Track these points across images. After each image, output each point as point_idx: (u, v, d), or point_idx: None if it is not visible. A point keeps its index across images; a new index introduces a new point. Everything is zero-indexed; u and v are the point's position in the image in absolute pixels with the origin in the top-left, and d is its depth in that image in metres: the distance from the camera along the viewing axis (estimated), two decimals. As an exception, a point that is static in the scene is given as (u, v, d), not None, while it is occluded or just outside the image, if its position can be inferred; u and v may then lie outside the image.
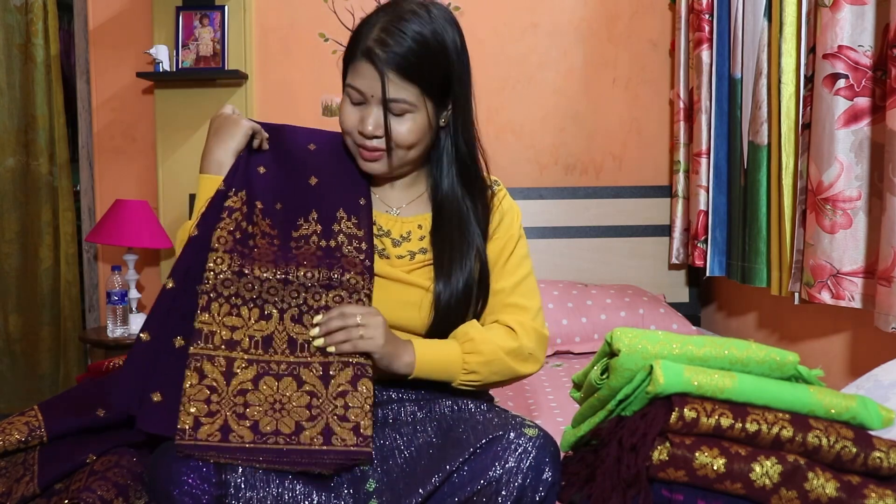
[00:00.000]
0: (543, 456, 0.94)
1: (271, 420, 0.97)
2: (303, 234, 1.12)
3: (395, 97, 1.07)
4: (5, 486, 1.08)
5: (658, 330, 0.98)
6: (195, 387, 0.97)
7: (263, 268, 1.06)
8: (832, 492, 0.81)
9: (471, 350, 1.11)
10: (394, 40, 1.05)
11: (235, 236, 1.07)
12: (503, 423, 0.98)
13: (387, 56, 1.05)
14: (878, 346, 1.63)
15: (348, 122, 1.12)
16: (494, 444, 0.95)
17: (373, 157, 1.13)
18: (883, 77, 1.52)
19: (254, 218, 1.11)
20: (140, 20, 2.67)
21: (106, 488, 1.04)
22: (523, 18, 2.68)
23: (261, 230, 1.10)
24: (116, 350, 2.42)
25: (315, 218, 1.14)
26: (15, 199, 3.20)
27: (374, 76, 1.06)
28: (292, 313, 1.05)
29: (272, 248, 1.08)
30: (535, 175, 2.71)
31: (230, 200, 1.09)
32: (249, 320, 1.04)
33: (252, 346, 1.02)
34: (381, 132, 1.09)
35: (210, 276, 1.03)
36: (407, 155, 1.14)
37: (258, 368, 1.01)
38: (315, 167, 1.18)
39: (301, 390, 1.01)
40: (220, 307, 1.02)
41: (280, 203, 1.14)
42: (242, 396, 0.98)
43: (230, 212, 1.08)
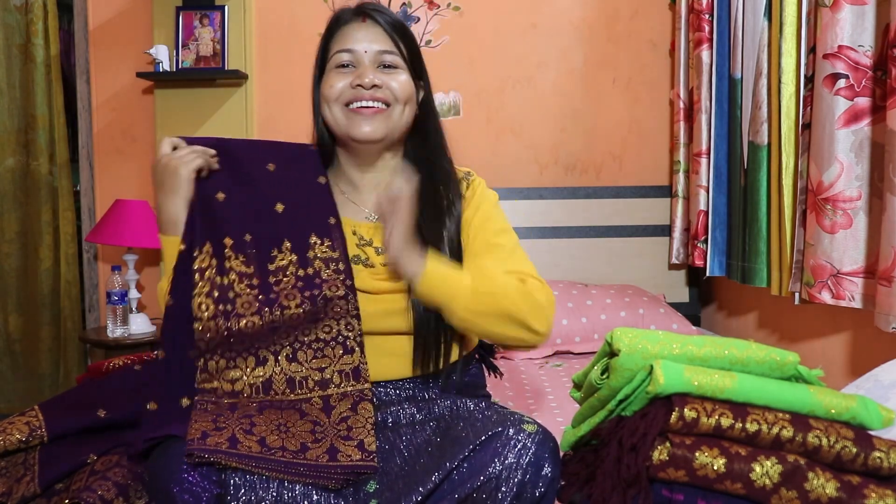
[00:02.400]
0: (543, 451, 0.95)
1: (277, 438, 0.98)
2: (279, 265, 1.12)
3: (393, 48, 1.16)
4: (6, 486, 1.08)
5: (658, 330, 0.98)
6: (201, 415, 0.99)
7: (249, 322, 1.07)
8: (832, 492, 0.81)
9: (480, 277, 1.09)
10: (385, 9, 1.19)
11: (214, 296, 1.07)
12: (502, 419, 0.98)
13: (382, 16, 1.17)
14: (878, 346, 1.63)
15: (339, 85, 1.16)
16: (494, 440, 0.95)
17: (370, 113, 1.15)
18: (883, 77, 1.52)
19: (226, 264, 1.10)
20: (140, 20, 2.67)
21: (106, 488, 1.03)
22: (523, 18, 2.68)
23: (237, 273, 1.10)
24: (116, 350, 2.42)
25: (289, 248, 1.13)
26: (15, 199, 3.20)
27: (373, 31, 1.16)
28: (286, 353, 1.08)
29: (253, 293, 1.08)
30: (535, 175, 2.71)
31: (198, 261, 1.09)
32: (247, 369, 1.06)
33: (253, 392, 1.05)
34: (379, 81, 1.14)
35: (200, 344, 1.05)
36: (402, 115, 1.17)
37: (259, 406, 1.04)
38: (279, 192, 1.17)
39: (304, 420, 1.03)
40: (216, 364, 1.05)
41: (249, 234, 1.13)
42: (248, 420, 1.00)
43: (201, 273, 1.08)
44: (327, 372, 1.08)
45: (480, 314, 1.07)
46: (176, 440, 0.95)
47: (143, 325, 2.47)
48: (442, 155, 1.24)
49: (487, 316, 1.08)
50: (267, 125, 2.67)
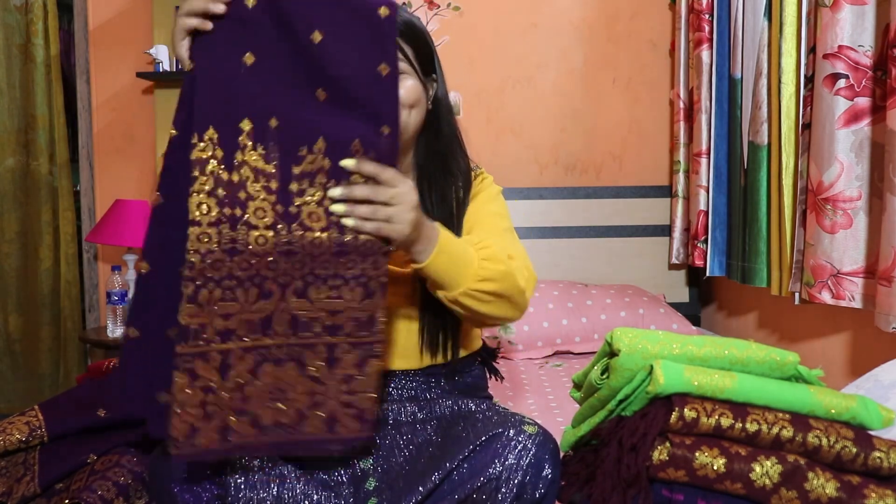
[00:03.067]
0: (543, 453, 0.95)
1: (272, 411, 0.89)
2: (306, 170, 0.88)
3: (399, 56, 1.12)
4: (6, 486, 1.08)
5: (658, 330, 0.98)
6: (187, 390, 0.85)
7: (261, 237, 0.87)
8: (832, 492, 0.81)
9: (487, 257, 1.02)
10: None
11: (218, 195, 0.86)
12: (503, 420, 0.99)
13: None
14: (878, 346, 1.63)
15: None
16: (494, 441, 0.95)
17: None
18: (883, 77, 1.52)
19: (237, 157, 0.87)
20: (140, 20, 2.67)
21: (106, 488, 1.04)
22: (523, 18, 2.68)
23: (252, 169, 0.87)
24: (116, 350, 2.42)
25: (322, 149, 0.88)
26: (15, 199, 3.20)
27: None
28: (296, 287, 0.89)
29: (270, 199, 0.87)
30: (535, 175, 2.71)
31: (197, 150, 0.86)
32: (246, 303, 0.88)
33: (249, 330, 0.88)
34: None
35: (195, 260, 0.85)
36: (409, 118, 1.14)
37: (256, 356, 0.89)
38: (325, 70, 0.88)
39: (303, 375, 0.90)
40: (209, 294, 0.86)
41: (277, 118, 0.88)
42: (240, 392, 0.88)
43: (201, 166, 0.85)
44: (340, 317, 0.90)
45: (484, 295, 1.01)
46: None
47: (143, 325, 2.47)
48: (456, 151, 1.23)
49: (492, 294, 1.01)
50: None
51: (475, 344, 1.27)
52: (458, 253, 0.99)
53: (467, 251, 1.00)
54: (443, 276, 0.98)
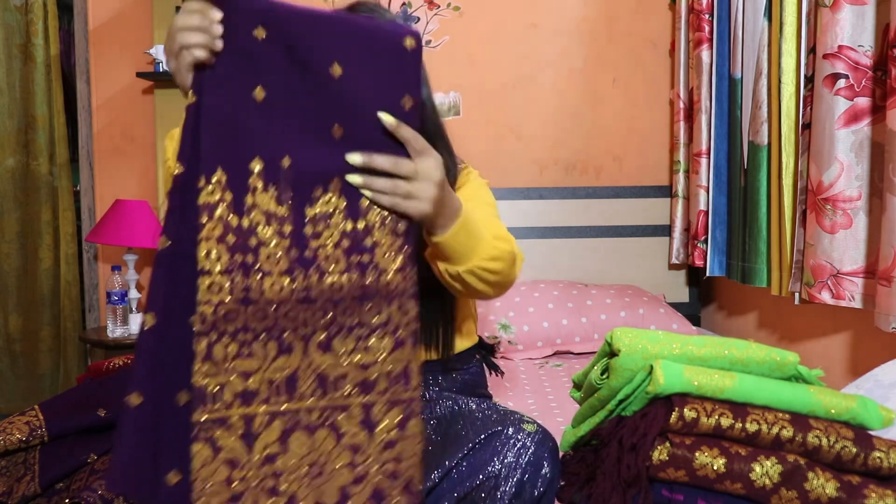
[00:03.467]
0: (542, 451, 0.95)
1: (310, 492, 0.79)
2: (321, 212, 0.82)
3: None
4: (6, 486, 1.08)
5: (658, 330, 0.98)
6: (209, 465, 0.75)
7: (276, 283, 0.79)
8: (832, 492, 0.81)
9: (498, 235, 1.01)
10: (380, 11, 1.14)
11: (228, 242, 0.78)
12: (502, 419, 0.99)
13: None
14: (879, 346, 1.63)
15: None
16: (493, 439, 0.95)
17: None
18: (883, 77, 1.52)
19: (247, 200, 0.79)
20: (140, 20, 2.67)
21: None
22: (523, 18, 2.68)
23: (263, 212, 0.80)
24: (116, 350, 2.42)
25: (338, 189, 0.82)
26: (15, 199, 3.20)
27: None
28: (318, 340, 0.81)
29: (283, 244, 0.80)
30: (535, 175, 2.71)
31: (205, 194, 0.77)
32: (266, 359, 0.79)
33: (273, 392, 0.79)
34: None
35: (207, 311, 0.76)
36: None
37: (285, 422, 0.79)
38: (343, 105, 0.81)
39: (341, 445, 0.81)
40: (225, 349, 0.77)
41: (289, 157, 0.80)
42: (270, 464, 0.78)
43: (210, 211, 0.77)
44: (372, 371, 0.83)
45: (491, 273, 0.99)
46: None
47: (144, 325, 2.47)
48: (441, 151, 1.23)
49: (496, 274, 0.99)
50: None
51: (471, 339, 1.26)
52: (477, 229, 0.96)
53: (483, 228, 0.98)
54: (455, 251, 0.94)
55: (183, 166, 0.78)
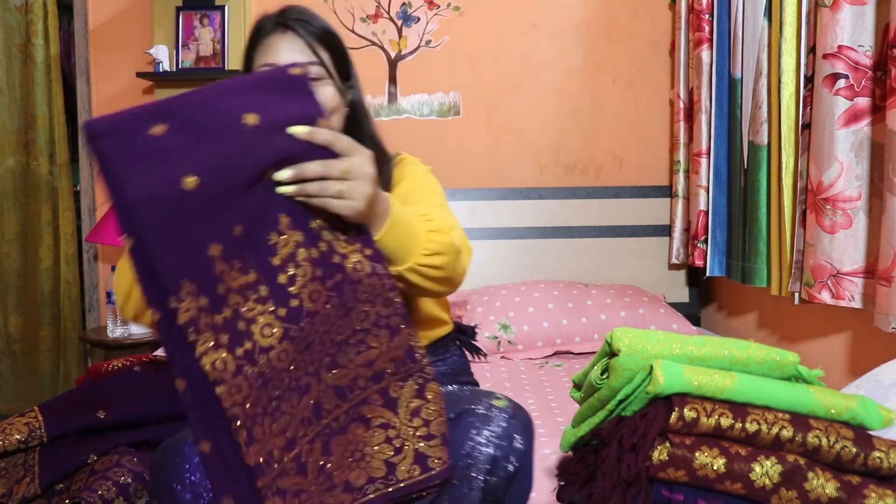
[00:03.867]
0: (513, 425, 0.95)
1: (361, 472, 0.86)
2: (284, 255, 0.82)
3: (315, 61, 1.12)
4: (6, 487, 1.08)
5: (658, 330, 0.98)
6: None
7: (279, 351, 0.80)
8: (832, 492, 0.81)
9: (435, 229, 0.98)
10: (303, 15, 1.15)
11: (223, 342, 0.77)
12: (472, 397, 0.99)
13: (303, 26, 1.13)
14: (878, 346, 1.63)
15: None
16: (464, 417, 0.95)
17: None
18: (883, 77, 1.52)
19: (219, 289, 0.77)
20: (140, 20, 2.67)
21: (107, 488, 1.04)
22: (523, 18, 2.68)
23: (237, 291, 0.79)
24: (116, 350, 2.42)
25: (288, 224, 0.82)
26: (15, 199, 3.20)
27: (294, 45, 1.12)
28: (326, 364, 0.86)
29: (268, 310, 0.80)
30: (535, 175, 2.71)
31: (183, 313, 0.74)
32: (293, 408, 0.83)
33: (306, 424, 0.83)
34: None
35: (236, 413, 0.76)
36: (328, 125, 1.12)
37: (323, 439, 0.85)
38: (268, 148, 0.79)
39: (372, 428, 0.87)
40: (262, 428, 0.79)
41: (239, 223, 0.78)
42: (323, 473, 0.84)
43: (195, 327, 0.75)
44: (379, 364, 0.88)
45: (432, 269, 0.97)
46: (180, 438, 0.95)
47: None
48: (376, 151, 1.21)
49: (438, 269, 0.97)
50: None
51: (443, 328, 1.24)
52: (409, 226, 0.94)
53: (416, 224, 0.96)
54: (392, 251, 0.93)
55: (154, 306, 0.75)
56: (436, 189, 1.19)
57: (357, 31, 2.67)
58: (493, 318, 2.23)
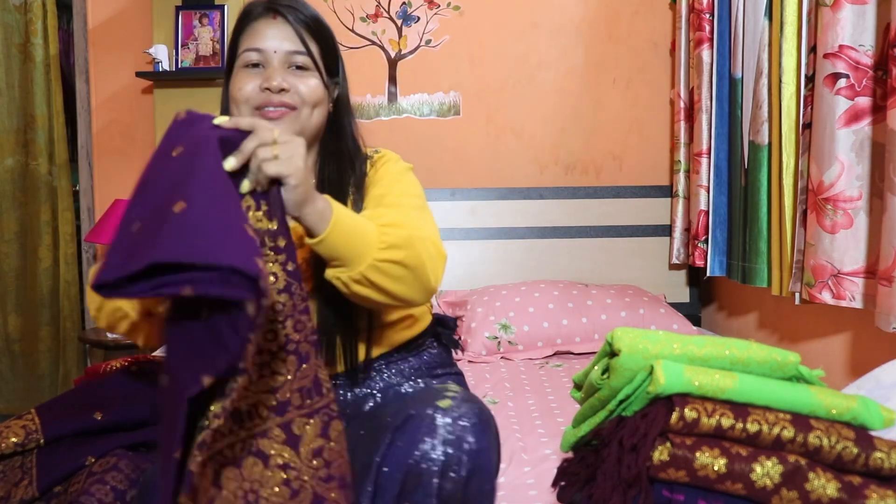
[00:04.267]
0: (462, 425, 0.89)
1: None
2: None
3: (303, 49, 1.10)
4: (4, 490, 1.07)
5: (659, 330, 0.97)
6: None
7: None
8: (833, 492, 0.81)
9: (388, 223, 0.95)
10: (298, 5, 1.12)
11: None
12: (422, 398, 0.93)
13: (293, 13, 1.11)
14: (879, 346, 1.63)
15: (248, 87, 1.09)
16: (409, 423, 0.90)
17: (278, 115, 1.08)
18: (884, 77, 1.52)
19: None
20: (139, 20, 2.67)
21: (104, 492, 1.03)
22: (523, 18, 2.68)
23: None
24: (116, 350, 2.41)
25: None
26: (14, 199, 3.20)
27: (283, 30, 1.10)
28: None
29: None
30: (535, 175, 2.71)
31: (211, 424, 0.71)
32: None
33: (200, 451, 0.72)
34: (287, 85, 1.08)
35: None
36: (311, 117, 1.11)
37: (215, 465, 0.76)
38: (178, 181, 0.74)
39: (270, 467, 0.79)
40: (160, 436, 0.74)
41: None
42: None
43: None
44: (283, 393, 0.81)
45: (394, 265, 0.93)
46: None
47: (143, 326, 2.47)
48: (354, 154, 1.18)
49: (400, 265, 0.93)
50: (266, 125, 2.67)
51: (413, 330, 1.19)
52: (357, 223, 0.91)
53: (365, 222, 0.94)
54: (343, 250, 0.89)
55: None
56: (412, 190, 1.13)
57: (357, 30, 2.67)
58: (493, 318, 2.22)
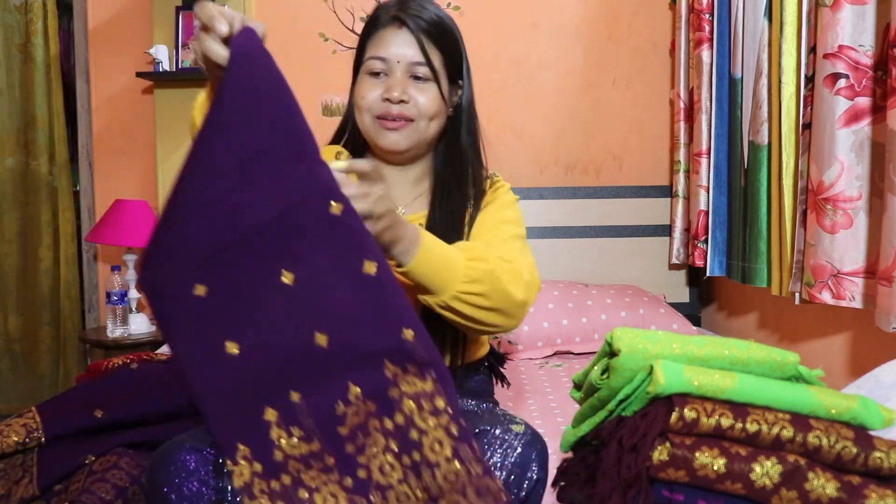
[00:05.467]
0: (530, 452, 0.94)
1: None
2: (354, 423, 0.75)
3: (424, 60, 1.13)
4: (4, 489, 1.08)
5: (658, 330, 0.98)
6: None
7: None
8: (833, 492, 0.81)
9: (475, 257, 0.99)
10: (421, 11, 1.14)
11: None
12: (491, 418, 0.98)
13: (417, 22, 1.13)
14: (879, 346, 1.63)
15: (370, 96, 1.14)
16: (480, 438, 0.94)
17: (397, 126, 1.14)
18: (883, 77, 1.52)
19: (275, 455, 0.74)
20: (140, 20, 2.67)
21: (105, 490, 1.03)
22: (523, 18, 2.68)
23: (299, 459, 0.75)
24: (116, 350, 2.41)
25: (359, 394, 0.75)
26: (15, 199, 3.20)
27: (406, 40, 1.13)
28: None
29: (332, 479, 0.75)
30: (535, 175, 2.71)
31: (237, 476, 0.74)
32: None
33: None
34: (407, 97, 1.13)
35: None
36: (428, 128, 1.16)
37: None
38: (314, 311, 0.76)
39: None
40: None
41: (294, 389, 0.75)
42: None
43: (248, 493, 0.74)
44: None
45: (475, 298, 0.97)
46: (177, 443, 0.94)
47: (143, 325, 2.47)
48: (472, 162, 1.23)
49: (481, 297, 0.98)
50: (267, 125, 2.67)
51: (479, 353, 1.25)
52: (444, 254, 0.96)
53: (453, 253, 0.98)
54: (430, 279, 0.94)
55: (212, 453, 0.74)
56: (513, 219, 1.19)
57: (357, 30, 2.67)
58: (492, 318, 2.22)
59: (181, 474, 0.90)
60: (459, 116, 1.22)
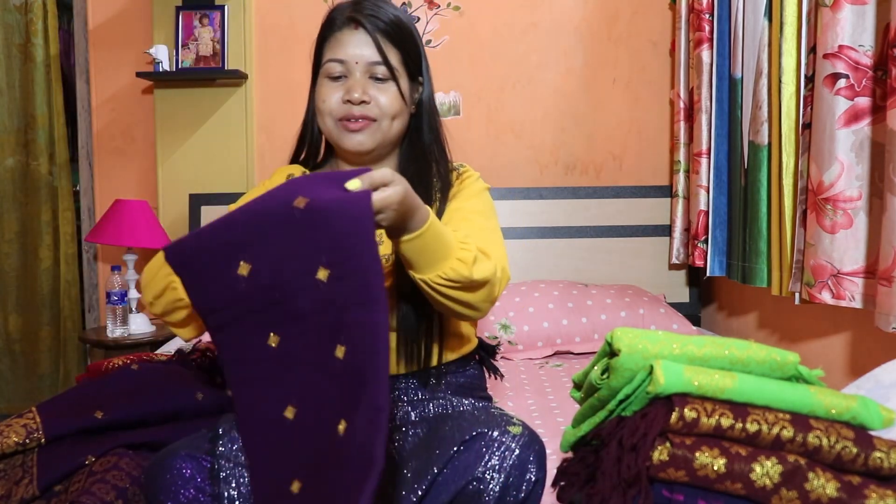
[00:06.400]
0: (527, 454, 0.94)
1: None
2: None
3: (382, 60, 1.13)
4: (4, 489, 1.08)
5: (658, 330, 0.98)
6: None
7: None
8: (833, 492, 0.81)
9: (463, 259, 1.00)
10: (377, 11, 1.14)
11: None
12: (488, 420, 0.97)
13: (374, 22, 1.13)
14: (879, 346, 1.63)
15: (331, 99, 1.15)
16: (477, 440, 0.94)
17: (359, 127, 1.14)
18: (883, 77, 1.52)
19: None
20: (140, 20, 2.67)
21: (105, 491, 1.03)
22: (523, 18, 2.68)
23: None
24: (116, 350, 2.41)
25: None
26: (15, 199, 3.20)
27: (363, 40, 1.13)
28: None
29: None
30: (535, 175, 2.71)
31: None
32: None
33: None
34: (368, 97, 1.13)
35: None
36: (391, 128, 1.16)
37: None
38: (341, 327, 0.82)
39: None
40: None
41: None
42: None
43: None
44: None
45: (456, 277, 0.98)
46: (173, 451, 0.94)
47: (143, 325, 2.47)
48: (436, 156, 1.22)
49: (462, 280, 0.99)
50: (267, 125, 2.67)
51: (466, 347, 1.25)
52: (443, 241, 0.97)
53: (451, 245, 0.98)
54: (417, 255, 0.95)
55: None
56: (485, 209, 1.18)
57: (357, 30, 2.67)
58: (492, 318, 2.22)
59: (177, 482, 0.90)
60: (421, 113, 1.22)
